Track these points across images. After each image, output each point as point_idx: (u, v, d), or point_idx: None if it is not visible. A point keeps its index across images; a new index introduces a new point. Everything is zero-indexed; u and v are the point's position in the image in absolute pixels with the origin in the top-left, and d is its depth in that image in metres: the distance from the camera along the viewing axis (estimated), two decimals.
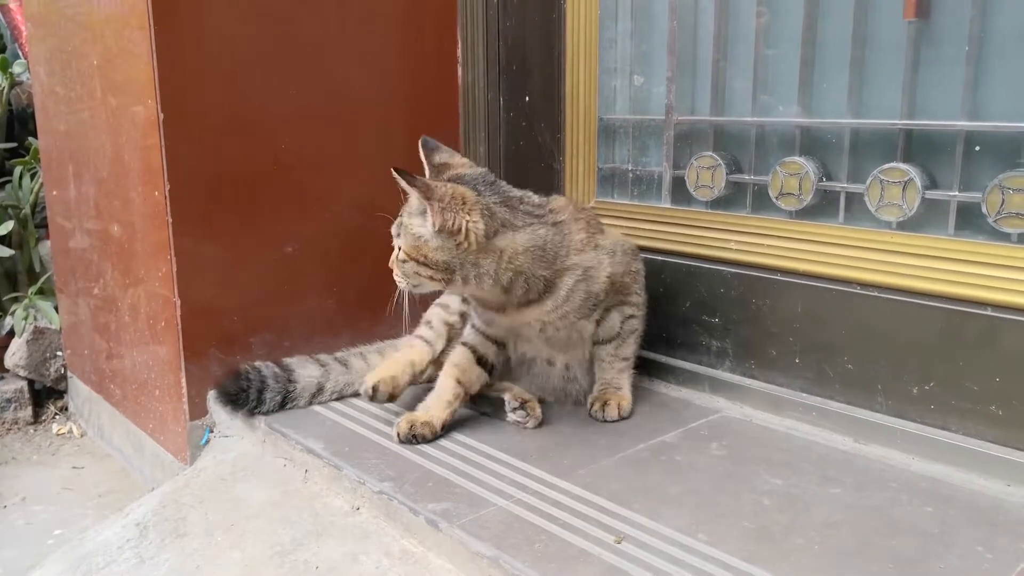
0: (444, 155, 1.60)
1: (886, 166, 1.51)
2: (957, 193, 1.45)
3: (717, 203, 1.80)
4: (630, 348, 1.70)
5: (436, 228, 1.42)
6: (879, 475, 1.42)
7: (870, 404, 1.54)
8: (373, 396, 1.66)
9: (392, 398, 1.68)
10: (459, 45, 2.13)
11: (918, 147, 1.50)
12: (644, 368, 1.87)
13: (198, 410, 1.83)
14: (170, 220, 1.75)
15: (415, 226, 1.46)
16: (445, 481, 1.42)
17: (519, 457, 1.50)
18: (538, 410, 1.65)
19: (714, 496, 1.36)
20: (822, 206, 1.63)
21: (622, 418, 1.66)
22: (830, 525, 1.27)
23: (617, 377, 1.69)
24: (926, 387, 1.47)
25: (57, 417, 2.47)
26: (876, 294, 1.52)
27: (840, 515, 1.30)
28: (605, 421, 1.65)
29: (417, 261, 1.46)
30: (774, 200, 1.68)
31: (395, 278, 1.54)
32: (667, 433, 1.60)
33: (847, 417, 1.56)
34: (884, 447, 1.50)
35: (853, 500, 1.34)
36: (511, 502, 1.35)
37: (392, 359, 1.74)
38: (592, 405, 1.67)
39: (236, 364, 1.86)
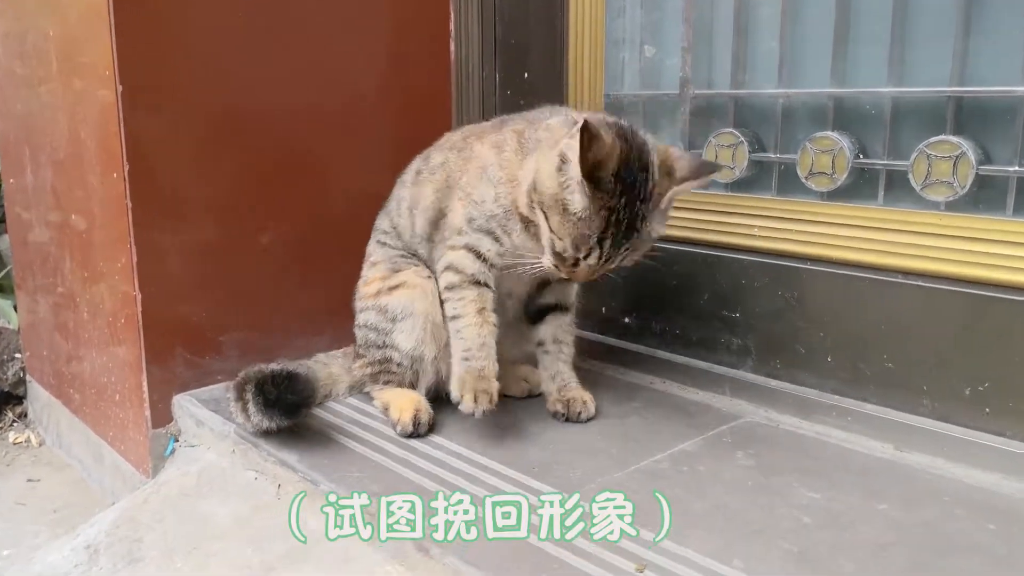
0: None
1: (934, 139, 1.38)
2: (1018, 168, 1.31)
3: (739, 185, 1.67)
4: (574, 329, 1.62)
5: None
6: (927, 487, 1.29)
7: (913, 407, 1.42)
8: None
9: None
10: (451, 18, 1.98)
11: (970, 117, 1.37)
12: (657, 369, 1.74)
13: (161, 417, 1.68)
14: (130, 205, 1.60)
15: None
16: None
17: (520, 470, 1.34)
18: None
19: (746, 513, 1.21)
20: (858, 186, 1.51)
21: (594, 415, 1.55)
22: (881, 546, 1.13)
23: (570, 369, 1.59)
24: (979, 388, 1.35)
25: (15, 424, 2.31)
26: (921, 283, 1.40)
27: (891, 534, 1.16)
28: (589, 420, 1.53)
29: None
30: (803, 180, 1.55)
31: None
32: (686, 441, 1.45)
33: (886, 421, 1.43)
34: (929, 455, 1.37)
35: (902, 516, 1.20)
36: None
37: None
38: (569, 405, 1.53)
39: (205, 366, 1.71)
